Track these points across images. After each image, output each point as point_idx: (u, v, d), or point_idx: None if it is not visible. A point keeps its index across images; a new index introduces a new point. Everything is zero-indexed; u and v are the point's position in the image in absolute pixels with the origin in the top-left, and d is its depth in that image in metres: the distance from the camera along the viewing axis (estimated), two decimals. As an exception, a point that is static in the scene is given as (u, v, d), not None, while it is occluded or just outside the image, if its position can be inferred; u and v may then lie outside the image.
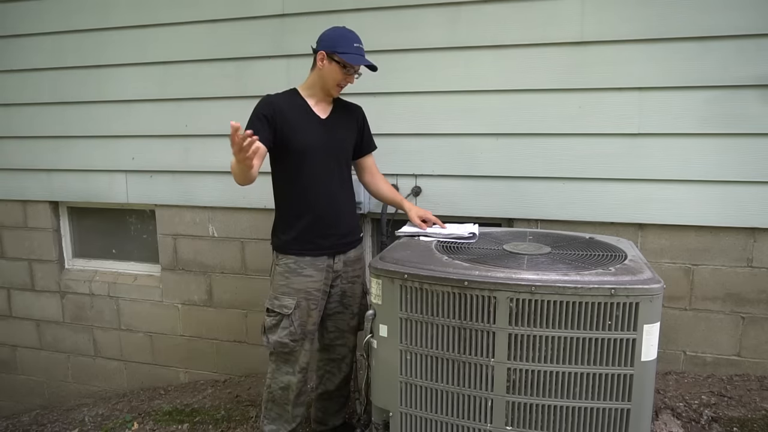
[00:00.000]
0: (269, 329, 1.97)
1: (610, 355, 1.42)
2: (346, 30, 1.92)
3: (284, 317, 1.94)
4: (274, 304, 1.97)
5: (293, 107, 1.94)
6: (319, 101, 1.99)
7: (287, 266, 1.97)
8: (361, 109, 2.14)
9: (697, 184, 2.26)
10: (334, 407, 2.25)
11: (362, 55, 1.90)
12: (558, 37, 2.30)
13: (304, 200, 1.95)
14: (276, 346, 1.97)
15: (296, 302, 1.95)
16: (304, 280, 1.96)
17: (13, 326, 3.42)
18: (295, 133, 1.89)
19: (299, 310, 1.95)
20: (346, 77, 1.91)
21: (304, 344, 2.00)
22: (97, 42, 2.93)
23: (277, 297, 1.97)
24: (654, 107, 2.25)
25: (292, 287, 1.96)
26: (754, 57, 2.12)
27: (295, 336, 1.96)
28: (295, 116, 1.92)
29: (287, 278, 1.96)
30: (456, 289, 1.50)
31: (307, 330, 1.99)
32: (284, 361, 2.00)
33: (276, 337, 1.96)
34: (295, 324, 1.95)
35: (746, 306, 2.31)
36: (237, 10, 2.67)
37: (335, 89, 1.95)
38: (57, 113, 3.08)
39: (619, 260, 1.61)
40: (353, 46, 1.87)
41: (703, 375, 2.37)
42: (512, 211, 2.47)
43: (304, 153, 1.91)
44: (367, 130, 2.15)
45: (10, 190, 3.26)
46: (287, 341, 1.95)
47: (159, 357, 3.17)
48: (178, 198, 2.96)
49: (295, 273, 1.96)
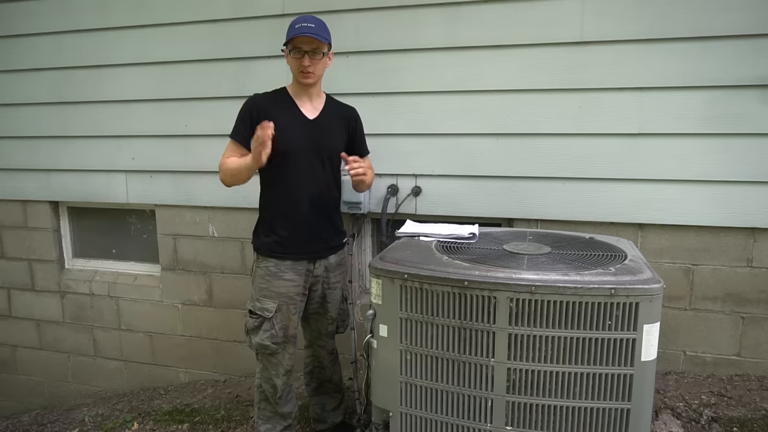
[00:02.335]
0: (251, 330, 1.97)
1: (610, 355, 1.42)
2: (296, 18, 1.88)
3: (265, 320, 1.93)
4: (255, 306, 1.96)
5: (279, 106, 1.92)
6: (307, 100, 1.96)
7: (268, 269, 1.95)
8: (354, 111, 2.10)
9: (697, 184, 2.26)
10: (332, 403, 2.25)
11: (296, 31, 1.80)
12: (558, 37, 2.30)
13: (287, 201, 1.93)
14: (258, 348, 1.97)
15: (277, 306, 1.93)
16: (285, 284, 1.94)
17: (13, 326, 3.42)
18: (278, 133, 1.77)
19: (280, 314, 1.94)
20: (300, 61, 1.84)
21: (287, 347, 1.99)
22: (97, 42, 2.93)
23: (259, 299, 1.96)
24: (654, 107, 2.25)
25: (273, 290, 1.94)
26: (753, 57, 2.12)
27: (276, 339, 1.94)
28: (279, 115, 1.86)
29: (268, 281, 1.94)
30: (456, 289, 1.50)
31: (288, 334, 1.98)
32: (269, 362, 2.00)
33: (258, 339, 1.95)
34: (276, 327, 1.94)
35: (746, 306, 2.31)
36: (237, 10, 2.67)
37: (301, 76, 1.88)
38: (57, 113, 3.08)
39: (619, 260, 1.61)
40: (294, 27, 1.83)
41: (703, 375, 2.38)
42: (512, 211, 2.47)
43: (287, 153, 1.87)
44: (359, 133, 2.10)
45: (10, 190, 3.26)
46: (269, 343, 1.94)
47: (159, 357, 3.17)
48: (178, 198, 2.96)
49: (275, 276, 1.94)
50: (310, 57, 1.84)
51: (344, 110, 2.07)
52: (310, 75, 1.87)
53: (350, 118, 2.07)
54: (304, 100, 1.96)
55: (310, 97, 1.97)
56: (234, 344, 3.00)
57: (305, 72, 1.86)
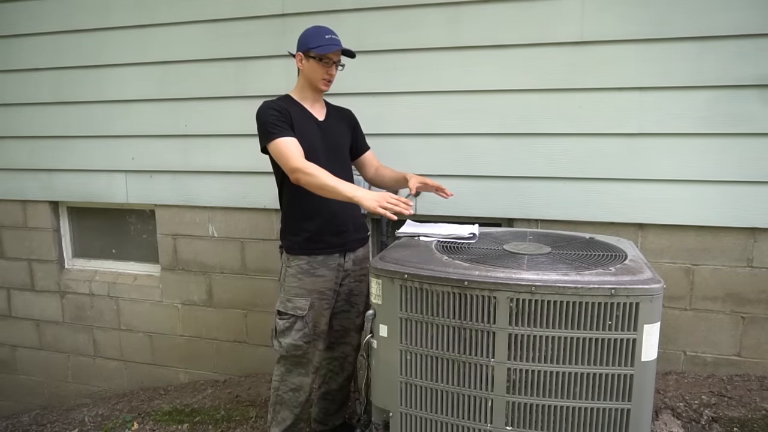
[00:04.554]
0: (281, 332, 1.97)
1: (610, 355, 1.42)
2: (318, 26, 1.96)
3: (298, 319, 1.95)
4: (287, 306, 1.97)
5: (292, 110, 1.96)
6: (312, 104, 2.02)
7: (300, 267, 1.97)
8: (351, 112, 2.19)
9: (697, 184, 2.26)
10: (335, 407, 2.26)
11: (336, 45, 1.90)
12: (558, 37, 2.30)
13: (314, 200, 1.93)
14: (289, 349, 1.97)
15: (310, 303, 1.95)
16: (317, 281, 1.97)
17: (13, 326, 3.42)
18: (299, 134, 1.89)
19: (313, 311, 1.96)
20: (327, 70, 1.93)
21: (317, 344, 2.01)
22: (97, 42, 2.93)
23: (290, 299, 1.97)
24: (654, 107, 2.25)
25: (306, 288, 1.96)
26: (754, 57, 2.12)
27: (308, 337, 1.97)
28: (297, 118, 1.94)
29: (300, 279, 1.96)
30: (456, 289, 1.50)
31: (319, 330, 2.00)
32: (296, 363, 2.01)
33: (290, 339, 1.95)
34: (309, 325, 1.96)
35: (746, 306, 2.31)
36: (237, 10, 2.67)
37: (322, 83, 1.96)
38: (57, 113, 3.08)
39: (619, 260, 1.61)
40: (325, 38, 1.89)
41: (703, 375, 2.37)
42: (512, 211, 2.47)
43: (308, 154, 1.91)
44: (359, 131, 2.18)
45: (10, 190, 3.26)
46: (301, 343, 1.96)
47: (159, 357, 3.17)
48: (178, 198, 2.96)
49: (308, 273, 1.96)
50: (336, 67, 1.96)
51: (343, 111, 2.16)
52: (330, 84, 1.99)
53: (350, 118, 2.16)
54: (313, 104, 2.04)
55: (315, 102, 2.05)
56: (234, 344, 3.00)
57: (329, 81, 1.97)
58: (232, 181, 2.83)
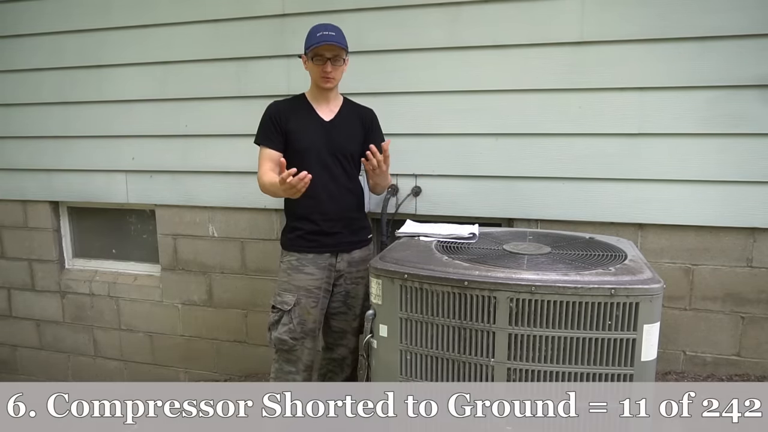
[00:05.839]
0: (272, 325, 2.03)
1: (610, 355, 1.42)
2: (316, 25, 1.98)
3: (285, 313, 1.99)
4: (276, 300, 2.03)
5: (296, 110, 2.02)
6: (324, 103, 2.06)
7: (290, 263, 2.03)
8: (370, 112, 2.16)
9: (697, 184, 2.25)
10: None
11: (324, 40, 1.89)
12: (558, 37, 2.30)
13: (307, 198, 1.94)
14: (276, 343, 2.01)
15: (296, 299, 1.98)
16: (304, 278, 2.00)
17: (14, 326, 3.42)
18: (296, 133, 1.99)
19: (299, 307, 1.99)
20: (322, 67, 1.94)
21: (305, 342, 2.02)
22: (98, 42, 2.93)
23: (279, 293, 2.03)
24: (654, 107, 2.25)
25: (293, 284, 2.00)
26: (754, 57, 2.12)
27: (294, 334, 1.98)
28: (297, 118, 2.00)
29: (289, 275, 2.02)
30: (456, 289, 1.50)
31: (307, 328, 2.01)
32: (286, 360, 2.03)
33: (276, 333, 2.00)
34: (294, 321, 1.98)
35: (746, 306, 2.31)
36: (237, 10, 2.67)
37: (321, 81, 1.98)
38: (57, 113, 3.08)
39: (619, 260, 1.61)
40: (316, 36, 1.92)
41: (703, 375, 2.37)
42: (512, 211, 2.47)
43: (303, 153, 1.98)
44: (375, 133, 2.13)
45: (10, 190, 3.26)
46: (287, 338, 1.99)
47: (159, 357, 3.17)
48: (178, 198, 2.96)
49: (296, 270, 2.01)
50: (331, 63, 1.95)
51: (360, 111, 2.15)
52: (330, 80, 1.98)
53: (366, 115, 2.14)
54: (322, 103, 2.06)
55: (328, 101, 2.06)
56: (234, 344, 3.00)
57: (327, 77, 1.96)
58: (232, 181, 2.83)
